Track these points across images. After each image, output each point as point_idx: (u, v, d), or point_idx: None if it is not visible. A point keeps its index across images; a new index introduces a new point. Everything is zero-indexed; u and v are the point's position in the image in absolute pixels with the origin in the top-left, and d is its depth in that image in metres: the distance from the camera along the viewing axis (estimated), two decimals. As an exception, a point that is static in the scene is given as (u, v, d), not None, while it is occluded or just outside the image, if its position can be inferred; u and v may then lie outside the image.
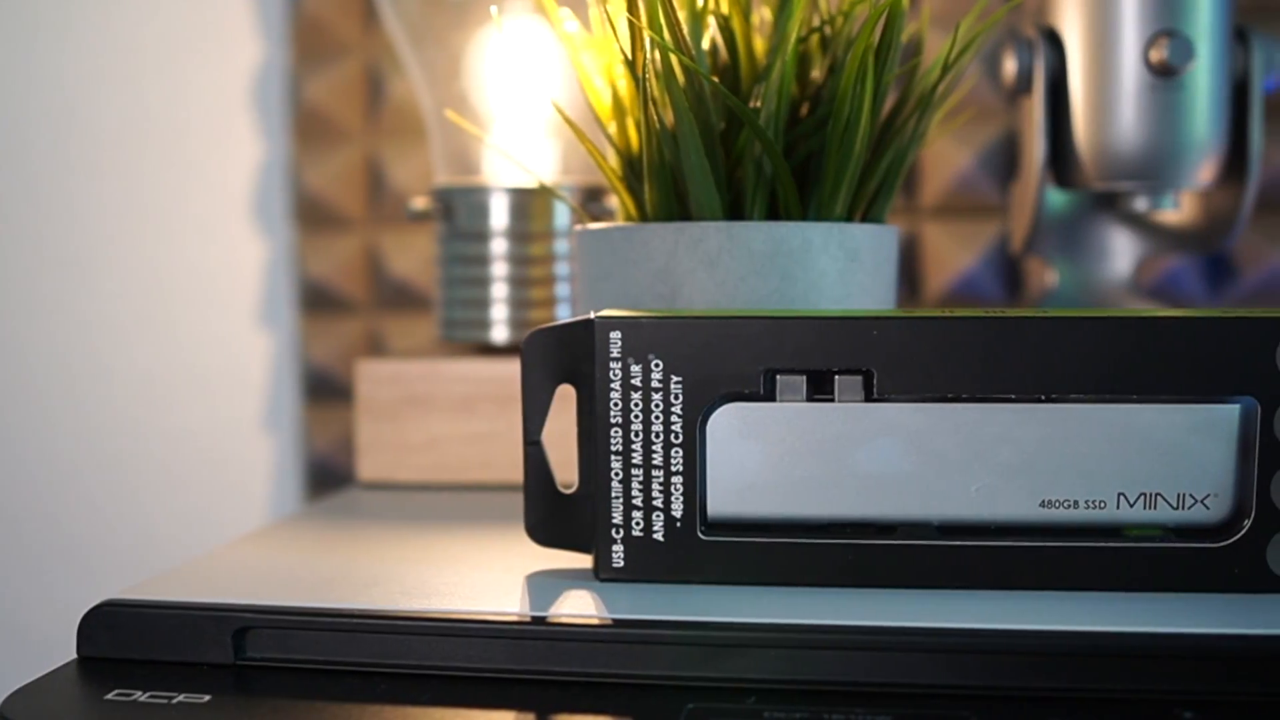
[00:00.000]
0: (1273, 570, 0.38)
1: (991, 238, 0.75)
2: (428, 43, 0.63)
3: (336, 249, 0.79)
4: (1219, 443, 0.38)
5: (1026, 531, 0.39)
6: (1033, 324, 0.37)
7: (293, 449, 0.81)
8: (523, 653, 0.36)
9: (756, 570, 0.39)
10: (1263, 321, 0.37)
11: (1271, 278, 0.73)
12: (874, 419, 0.38)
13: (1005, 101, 0.74)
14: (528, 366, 0.40)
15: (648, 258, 0.44)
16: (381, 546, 0.45)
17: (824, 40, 0.48)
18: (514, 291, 0.61)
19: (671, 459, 0.38)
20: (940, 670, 0.34)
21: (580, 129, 0.45)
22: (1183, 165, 0.58)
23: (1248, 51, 0.59)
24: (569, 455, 0.40)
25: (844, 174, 0.44)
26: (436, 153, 0.65)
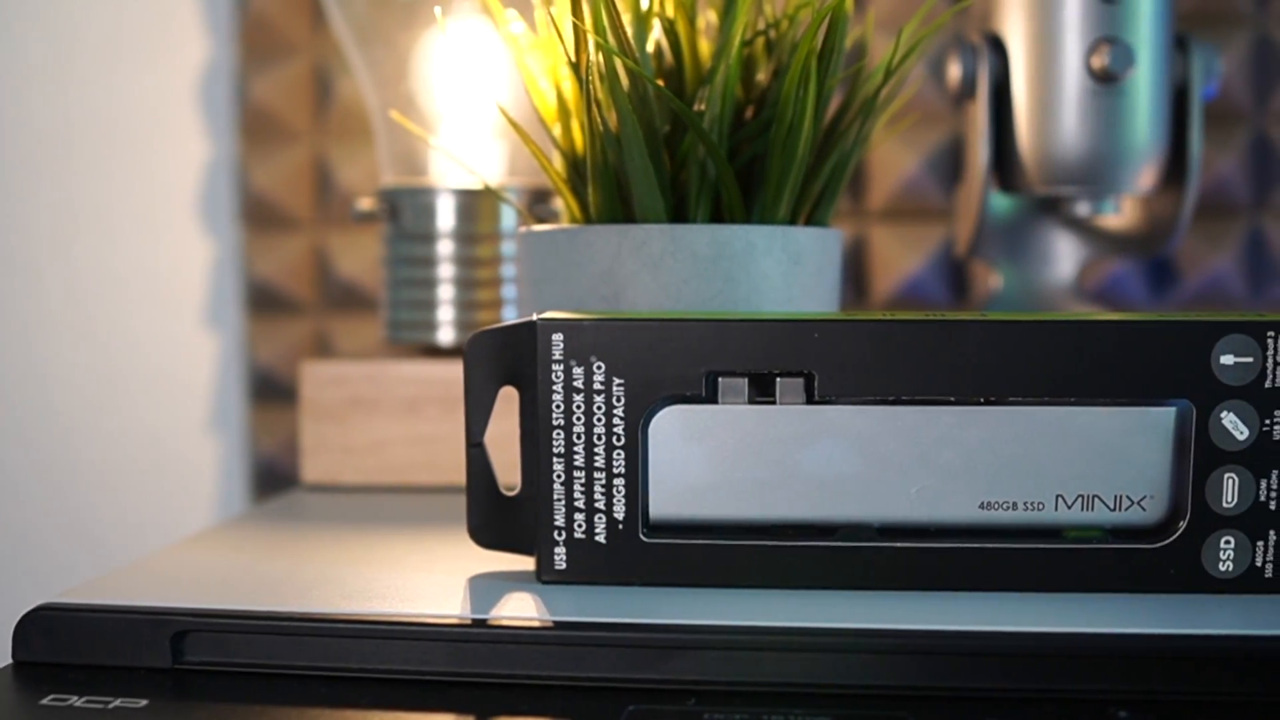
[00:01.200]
0: (1208, 571, 0.38)
1: (938, 241, 0.75)
2: (374, 43, 0.62)
3: (283, 249, 0.79)
4: (1155, 445, 0.39)
5: (966, 533, 0.39)
6: (972, 327, 0.38)
7: (239, 451, 0.81)
8: (463, 655, 0.36)
9: (698, 572, 0.39)
10: (1197, 325, 0.38)
11: (1212, 282, 0.74)
12: (815, 421, 0.39)
13: (951, 106, 0.74)
14: (471, 368, 0.40)
15: (591, 260, 0.44)
16: (324, 549, 0.45)
17: (769, 44, 0.48)
18: (460, 293, 0.61)
19: (613, 461, 0.39)
20: (878, 671, 0.34)
21: (525, 131, 0.45)
22: (1124, 170, 0.58)
23: (1187, 59, 0.60)
24: (514, 457, 0.40)
25: (787, 177, 0.44)
26: (383, 153, 0.65)
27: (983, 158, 0.60)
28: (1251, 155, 0.74)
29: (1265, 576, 0.38)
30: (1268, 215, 0.74)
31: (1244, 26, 0.73)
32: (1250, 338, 0.38)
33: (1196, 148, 0.60)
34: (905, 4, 0.74)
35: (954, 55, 0.61)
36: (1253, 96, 0.74)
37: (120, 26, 0.80)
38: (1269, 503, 0.38)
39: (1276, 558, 0.38)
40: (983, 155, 0.60)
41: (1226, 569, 0.38)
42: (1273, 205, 0.74)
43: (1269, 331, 0.37)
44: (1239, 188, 0.74)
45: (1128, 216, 0.65)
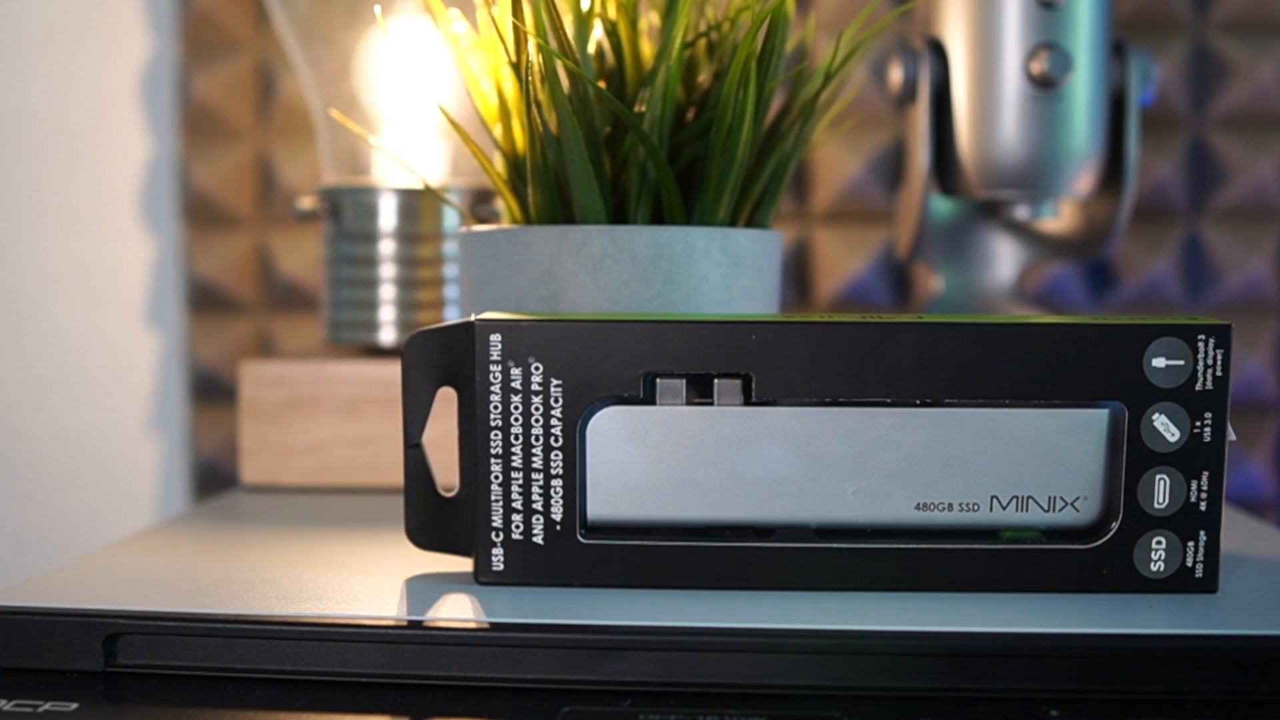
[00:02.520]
0: (1140, 571, 0.39)
1: (881, 244, 0.76)
2: (316, 41, 0.62)
3: (225, 248, 0.78)
4: (1089, 446, 0.39)
5: (902, 534, 0.39)
6: (908, 329, 0.38)
7: (180, 451, 0.80)
8: (399, 657, 0.36)
9: (635, 573, 0.39)
10: (1130, 329, 0.38)
11: (1151, 285, 0.75)
12: (753, 422, 0.39)
13: (894, 110, 0.75)
14: (409, 369, 0.40)
15: (531, 261, 0.44)
16: (260, 550, 0.45)
17: (710, 46, 0.48)
18: (402, 293, 0.61)
19: (551, 462, 0.38)
20: (814, 671, 0.35)
21: (465, 131, 0.45)
22: (1062, 175, 0.59)
23: (1125, 65, 0.60)
24: (453, 458, 0.40)
25: (727, 179, 0.44)
26: (325, 152, 0.65)
27: (923, 161, 0.61)
28: (1189, 161, 0.75)
29: (1196, 576, 0.39)
30: (1205, 220, 0.75)
31: (1182, 34, 0.74)
32: (1181, 341, 0.38)
33: (1133, 152, 0.61)
34: (849, 7, 0.74)
35: (895, 59, 0.61)
36: (1190, 103, 0.75)
37: (61, 21, 0.79)
38: (1199, 504, 0.39)
39: (1207, 558, 0.39)
40: (923, 159, 0.61)
41: (1158, 569, 0.39)
42: (1210, 210, 0.75)
43: (1199, 335, 0.38)
44: (1177, 193, 0.75)
45: (1066, 220, 0.66)
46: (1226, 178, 0.75)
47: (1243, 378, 0.75)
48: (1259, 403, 0.75)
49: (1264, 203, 0.74)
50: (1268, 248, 0.75)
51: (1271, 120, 0.74)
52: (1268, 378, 0.75)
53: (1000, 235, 0.68)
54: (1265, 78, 0.74)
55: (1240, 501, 0.75)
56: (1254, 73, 0.74)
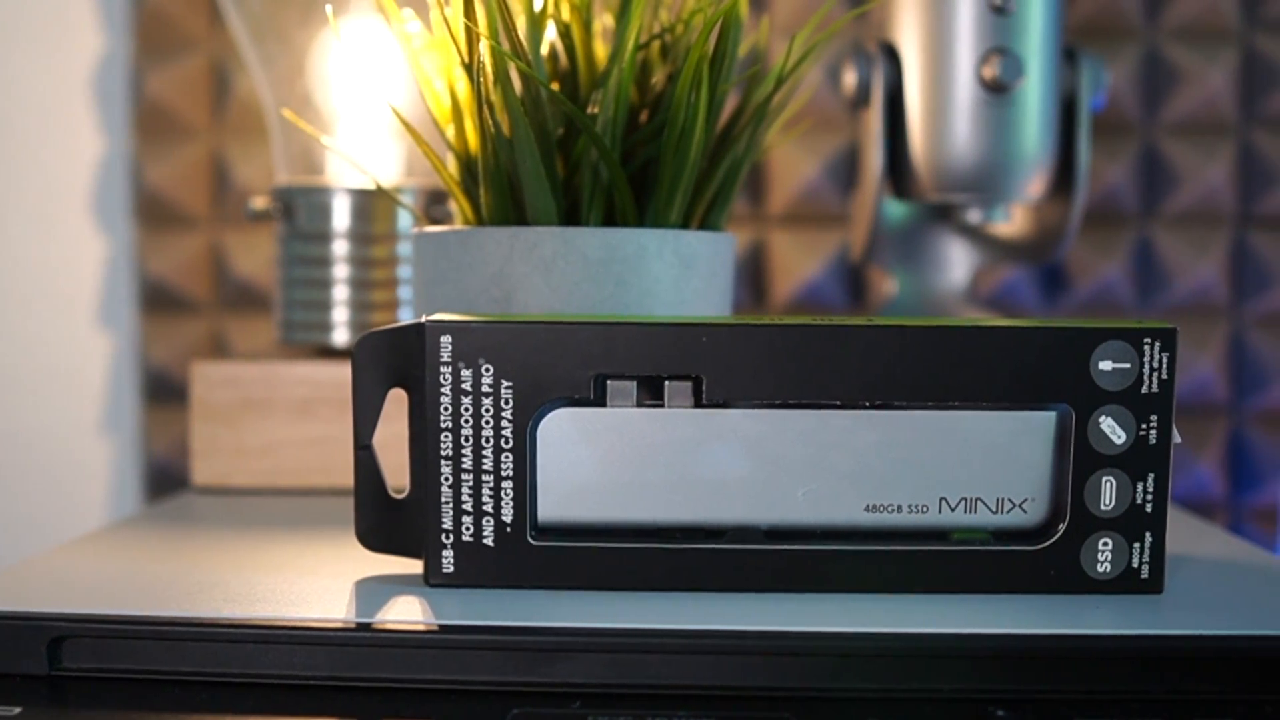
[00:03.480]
0: (1086, 572, 0.39)
1: (836, 247, 0.76)
2: (270, 39, 0.62)
3: (179, 248, 0.78)
4: (1036, 448, 0.39)
5: (852, 535, 0.39)
6: (858, 332, 0.38)
7: (132, 452, 0.79)
8: (347, 660, 0.35)
9: (586, 575, 0.39)
10: (1077, 332, 0.38)
11: (1102, 289, 0.76)
12: (703, 424, 0.39)
13: (848, 113, 0.75)
14: (359, 370, 0.40)
15: (483, 262, 0.44)
16: (210, 553, 0.44)
17: (664, 48, 0.48)
18: (355, 294, 0.61)
19: (502, 464, 0.38)
20: (762, 672, 0.35)
21: (418, 132, 0.45)
22: (1013, 179, 0.59)
23: (1076, 70, 0.61)
24: (404, 460, 0.40)
25: (679, 181, 0.44)
26: (278, 152, 0.64)
27: (877, 165, 0.61)
28: (1140, 166, 0.76)
29: (1142, 577, 0.39)
30: (1156, 225, 0.76)
31: (1134, 40, 0.75)
32: (1128, 344, 0.38)
33: (1084, 157, 0.61)
34: (804, 11, 0.75)
35: (849, 63, 0.62)
36: (1142, 108, 0.75)
37: (12, 18, 0.78)
38: (1145, 505, 0.39)
39: (1153, 559, 0.39)
40: (876, 162, 0.61)
41: (1104, 570, 0.39)
42: (1161, 215, 0.76)
43: (1146, 339, 0.38)
44: (1128, 197, 0.76)
45: (1018, 224, 0.66)
46: (1177, 183, 0.75)
47: (1192, 380, 0.76)
48: (1208, 405, 0.76)
49: (1214, 208, 0.75)
50: (1217, 252, 0.75)
51: (1221, 126, 0.75)
52: (1217, 380, 0.76)
53: (953, 238, 0.68)
54: (1215, 84, 0.75)
55: (1189, 503, 0.76)
56: (1204, 79, 0.75)
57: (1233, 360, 0.76)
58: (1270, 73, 0.75)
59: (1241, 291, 0.76)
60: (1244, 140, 0.75)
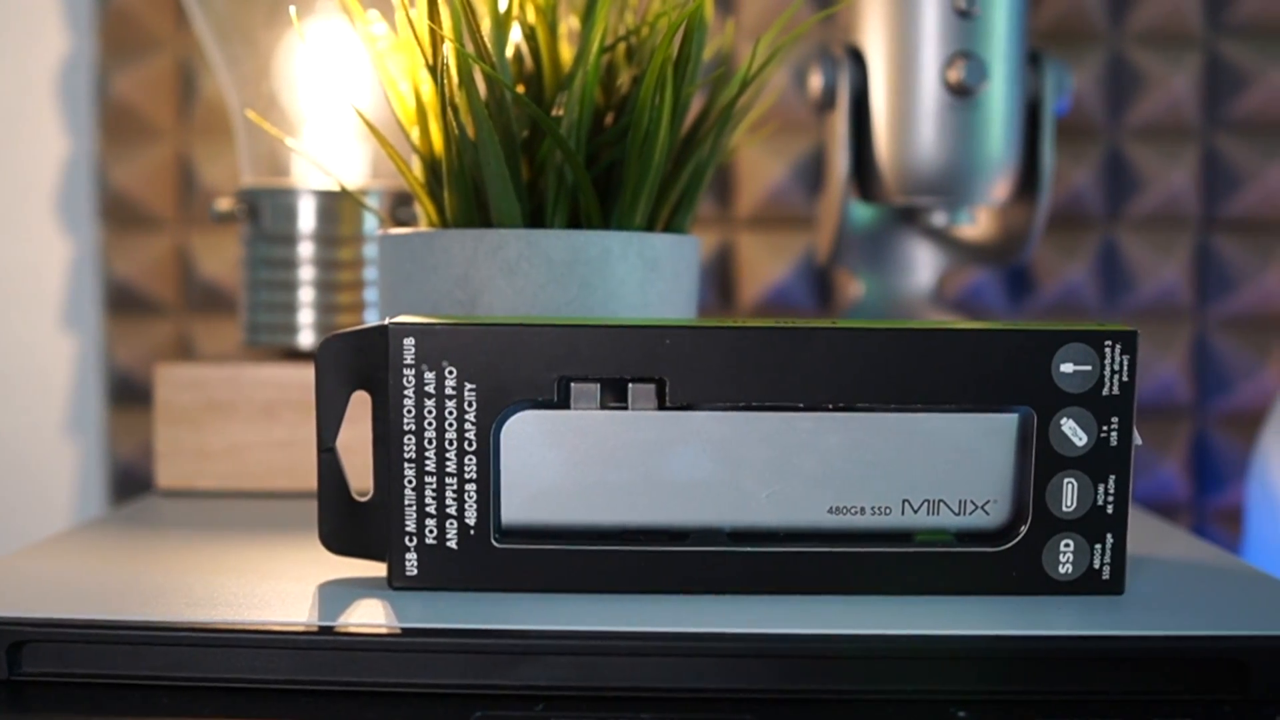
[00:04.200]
0: (1048, 573, 0.39)
1: (803, 249, 0.76)
2: (235, 40, 0.61)
3: (144, 249, 0.77)
4: (998, 450, 0.39)
5: (815, 537, 0.40)
6: (820, 334, 0.38)
7: (97, 455, 0.79)
8: (309, 663, 0.35)
9: (550, 577, 0.39)
10: (1039, 334, 0.39)
11: (1068, 291, 0.76)
12: (667, 427, 0.39)
13: (815, 116, 0.75)
14: (322, 372, 0.39)
15: (447, 264, 0.44)
16: (173, 556, 0.44)
17: (629, 50, 0.48)
18: (321, 296, 0.61)
19: (465, 466, 0.38)
20: (724, 674, 0.35)
21: (382, 134, 0.45)
22: (978, 182, 0.60)
23: (1040, 74, 0.61)
24: (368, 462, 0.40)
25: (644, 184, 0.44)
26: (243, 153, 0.64)
27: (842, 167, 0.61)
28: (1105, 169, 0.76)
29: (1103, 578, 0.39)
30: (1120, 227, 0.76)
31: (1099, 44, 0.76)
32: (1089, 347, 0.39)
33: (1048, 160, 0.62)
34: (772, 13, 0.75)
35: (815, 66, 0.62)
36: (1107, 112, 0.76)
37: (-26, 18, 0.78)
38: (1106, 506, 0.39)
39: (1114, 560, 0.39)
40: (842, 165, 0.61)
41: (1066, 571, 0.39)
42: (1125, 218, 0.76)
43: (1107, 341, 0.39)
44: (1093, 200, 0.76)
45: (983, 227, 0.67)
46: (1141, 186, 0.76)
47: (1156, 383, 0.76)
48: (1172, 407, 0.77)
49: (1177, 211, 0.76)
50: (1181, 255, 0.76)
51: (1185, 130, 0.76)
52: (1181, 383, 0.76)
53: (919, 241, 0.68)
54: (1179, 88, 0.75)
55: (1153, 504, 0.77)
56: (1168, 83, 0.75)
57: (1196, 362, 0.77)
58: (1233, 77, 0.75)
59: (1205, 294, 0.77)
60: (1207, 144, 0.76)
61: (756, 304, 0.77)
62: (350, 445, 0.43)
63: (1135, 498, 0.76)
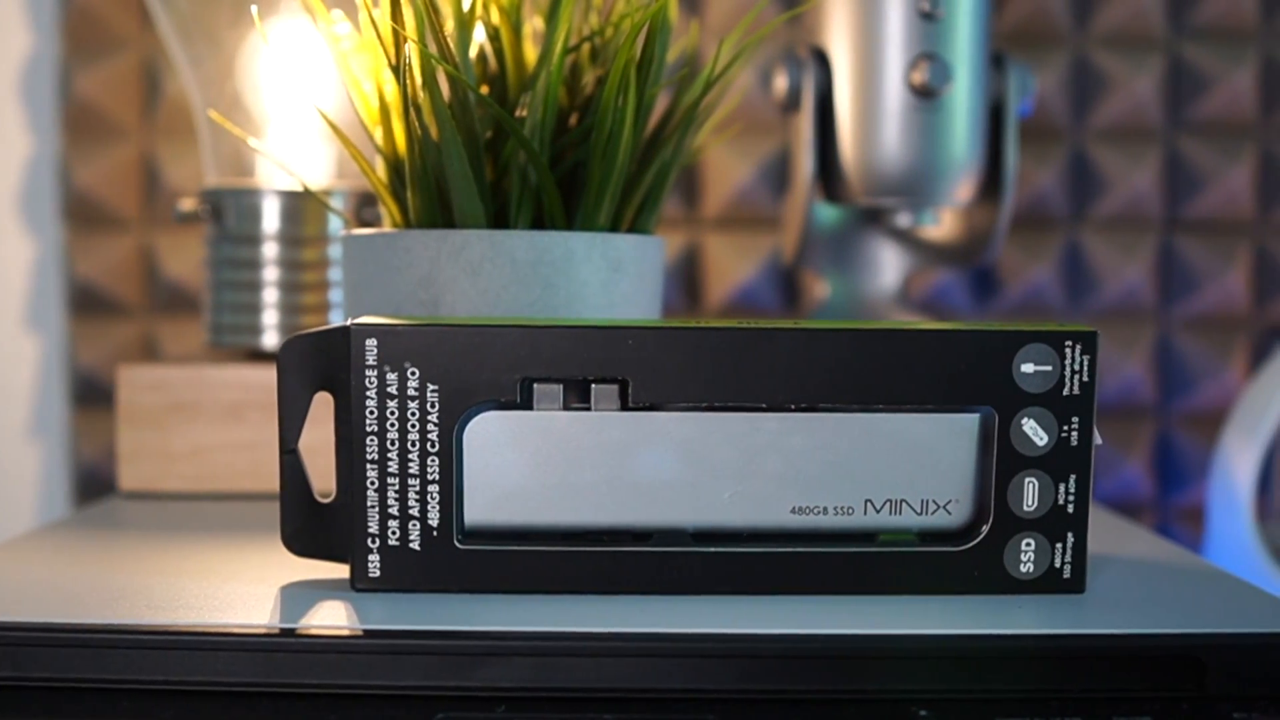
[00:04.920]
0: (1010, 572, 0.40)
1: (771, 250, 0.76)
2: (198, 40, 0.61)
3: (108, 249, 0.77)
4: (960, 450, 0.40)
5: (779, 537, 0.40)
6: (782, 335, 0.38)
7: (61, 457, 0.78)
8: (271, 665, 0.35)
9: (513, 578, 0.39)
10: (1000, 335, 0.39)
11: (1033, 292, 0.77)
12: (630, 427, 0.39)
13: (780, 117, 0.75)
14: (284, 373, 0.39)
15: (410, 265, 0.44)
16: (134, 558, 0.44)
17: (594, 51, 0.48)
18: (285, 297, 0.60)
19: (428, 467, 0.38)
20: (686, 674, 0.35)
21: (345, 134, 0.45)
22: (942, 183, 0.60)
23: (1004, 76, 0.62)
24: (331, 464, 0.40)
25: (608, 185, 0.44)
26: (207, 153, 0.64)
27: (807, 168, 0.61)
28: (1069, 171, 0.77)
29: (1064, 577, 0.40)
30: (1085, 229, 0.77)
31: (1063, 47, 0.76)
32: (1049, 347, 0.39)
33: (1012, 162, 0.62)
34: (739, 14, 0.75)
35: (780, 67, 0.62)
36: (1071, 114, 0.76)
37: (-65, 16, 0.77)
38: (1067, 506, 0.39)
39: (1075, 559, 0.40)
40: (807, 166, 0.61)
41: (1027, 570, 0.40)
42: (1089, 219, 0.77)
43: (1067, 341, 0.39)
44: (1057, 202, 0.77)
45: (948, 228, 0.67)
46: (1105, 188, 0.76)
47: (1120, 383, 0.77)
48: (1136, 407, 0.77)
49: (1141, 212, 0.76)
50: (1144, 256, 0.77)
51: (1148, 132, 0.76)
52: (1145, 383, 0.77)
53: (884, 242, 0.69)
54: (1142, 91, 0.76)
55: (1117, 503, 0.77)
56: (1132, 86, 0.76)
57: (1160, 362, 0.77)
58: (1196, 80, 0.76)
59: (1168, 294, 0.77)
60: (1170, 146, 0.77)
61: (724, 305, 0.77)
62: (313, 447, 0.43)
63: (1099, 497, 0.77)
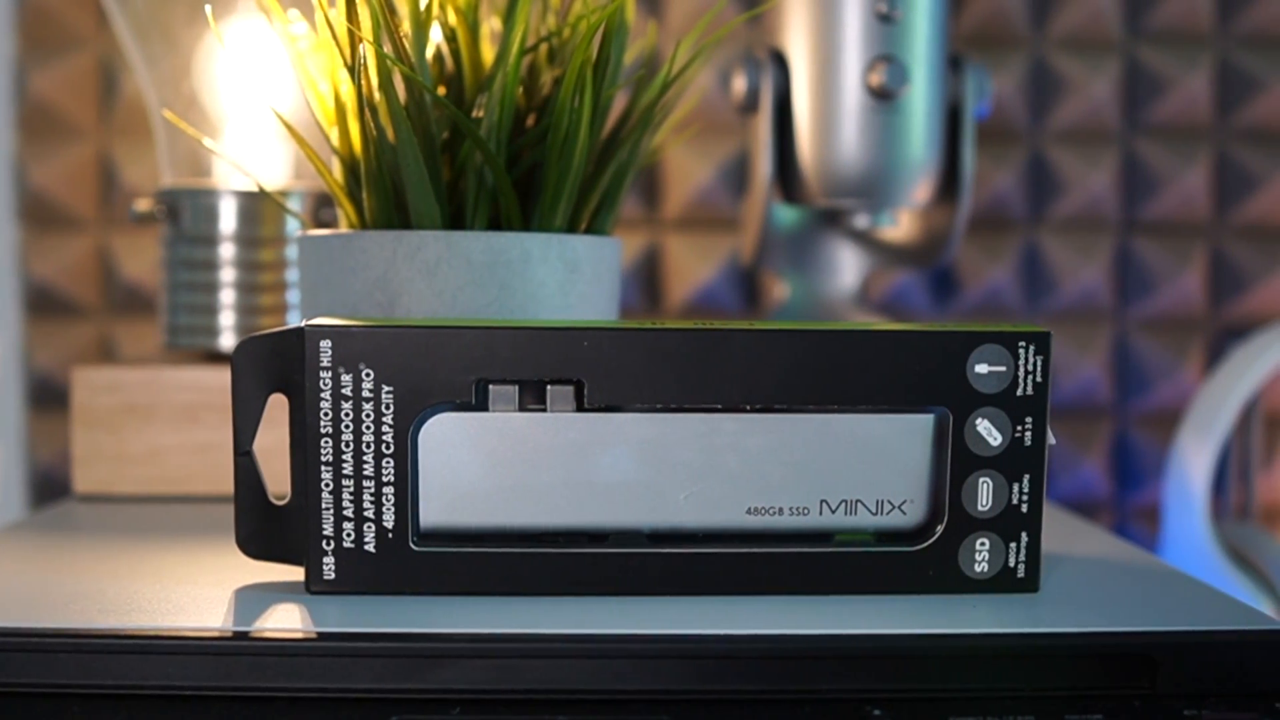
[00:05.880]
0: (964, 572, 0.40)
1: (731, 251, 0.76)
2: (154, 39, 0.61)
3: (65, 250, 0.76)
4: (915, 451, 0.40)
5: (734, 538, 0.40)
6: (737, 336, 0.38)
7: (17, 459, 0.78)
8: (224, 669, 0.35)
9: (469, 580, 0.39)
10: (954, 336, 0.39)
11: (991, 293, 0.77)
12: (585, 429, 0.39)
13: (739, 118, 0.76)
14: (238, 375, 0.39)
15: (366, 266, 0.44)
16: (88, 562, 0.44)
17: (551, 51, 0.48)
18: (242, 298, 0.60)
19: (383, 469, 0.38)
20: (642, 675, 0.35)
21: (300, 135, 0.44)
22: (899, 184, 0.60)
23: (961, 78, 0.62)
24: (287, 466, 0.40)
25: (564, 186, 0.44)
26: (162, 153, 0.63)
27: (765, 170, 0.61)
28: (1028, 172, 0.77)
29: (1018, 576, 0.40)
30: (1043, 230, 0.77)
31: (1021, 49, 0.77)
32: (1003, 348, 0.39)
33: (969, 163, 0.62)
34: (699, 16, 0.75)
35: (739, 69, 0.62)
36: (1029, 116, 0.77)
37: (-113, 14, 0.76)
38: (1021, 505, 0.40)
39: (1028, 558, 0.40)
40: (765, 167, 0.61)
41: (982, 569, 0.40)
42: (1047, 220, 0.77)
43: (1020, 342, 0.39)
44: (1016, 203, 0.77)
45: (906, 229, 0.67)
46: (1063, 189, 0.77)
47: (1077, 383, 0.77)
48: (1093, 407, 0.78)
49: (1098, 214, 0.77)
50: (1102, 257, 0.77)
51: (1104, 134, 0.77)
52: (1102, 383, 0.78)
53: (843, 243, 0.69)
54: (1099, 93, 0.76)
55: (1075, 503, 0.78)
56: (1089, 88, 0.76)
57: (1117, 363, 0.78)
58: (1152, 82, 0.77)
59: (1125, 296, 0.78)
60: (1127, 148, 0.77)
61: (684, 306, 0.77)
62: (269, 449, 0.43)
63: (1057, 497, 0.77)
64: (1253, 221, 0.77)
